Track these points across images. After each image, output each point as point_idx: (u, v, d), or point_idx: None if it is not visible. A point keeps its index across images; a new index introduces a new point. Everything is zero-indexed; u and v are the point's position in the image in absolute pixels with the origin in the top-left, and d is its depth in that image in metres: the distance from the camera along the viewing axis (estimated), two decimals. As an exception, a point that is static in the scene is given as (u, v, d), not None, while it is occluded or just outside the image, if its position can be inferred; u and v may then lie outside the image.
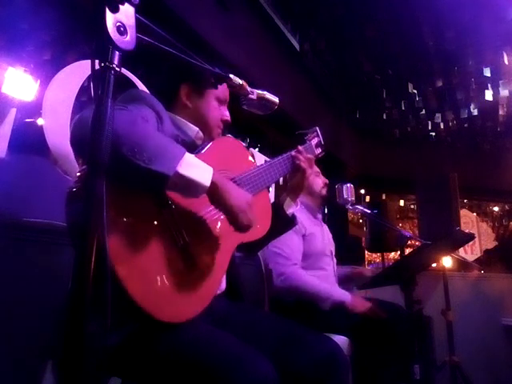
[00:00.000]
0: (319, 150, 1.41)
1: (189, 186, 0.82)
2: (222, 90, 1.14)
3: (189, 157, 0.82)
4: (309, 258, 1.91)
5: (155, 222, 0.84)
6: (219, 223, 1.01)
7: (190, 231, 0.90)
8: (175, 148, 0.82)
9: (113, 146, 0.69)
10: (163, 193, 0.86)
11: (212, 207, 0.97)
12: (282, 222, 1.29)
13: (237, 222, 0.91)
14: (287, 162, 1.26)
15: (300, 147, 1.30)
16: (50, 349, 0.98)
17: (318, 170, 2.10)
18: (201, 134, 1.11)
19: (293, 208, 1.31)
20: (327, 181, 2.12)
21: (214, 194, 0.87)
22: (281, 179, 2.38)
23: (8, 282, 1.32)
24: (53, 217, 1.35)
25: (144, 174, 0.75)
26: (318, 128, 1.42)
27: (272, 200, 1.29)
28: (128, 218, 0.80)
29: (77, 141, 0.78)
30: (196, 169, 0.83)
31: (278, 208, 1.28)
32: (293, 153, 1.27)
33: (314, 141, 1.38)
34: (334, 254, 2.10)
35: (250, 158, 1.23)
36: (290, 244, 1.86)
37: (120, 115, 0.75)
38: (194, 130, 1.10)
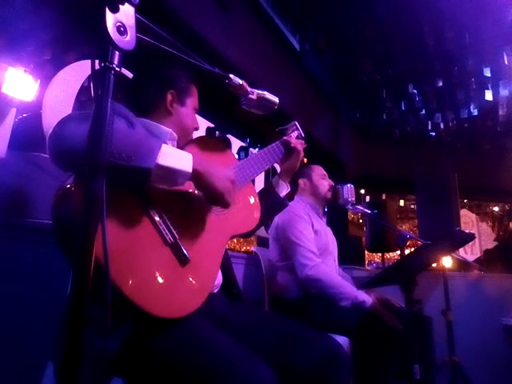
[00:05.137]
0: (301, 141, 1.43)
1: (172, 176, 0.83)
2: (197, 101, 1.21)
3: (166, 147, 0.83)
4: None
5: (143, 222, 0.84)
6: (209, 217, 1.02)
7: (180, 228, 0.91)
8: (152, 141, 0.82)
9: None
10: (147, 191, 0.86)
11: (200, 201, 0.98)
12: (277, 205, 1.36)
13: (223, 203, 0.95)
14: (276, 150, 1.31)
15: (285, 137, 1.35)
16: (50, 349, 0.98)
17: (325, 173, 2.17)
18: (175, 134, 1.09)
19: (285, 190, 1.38)
20: (333, 183, 2.15)
21: (198, 179, 0.89)
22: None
23: (8, 282, 1.32)
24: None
25: (126, 173, 0.76)
26: (296, 122, 1.44)
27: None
28: (114, 221, 0.79)
29: (62, 156, 0.78)
30: (176, 157, 0.84)
31: (270, 191, 1.35)
32: (285, 138, 1.34)
33: (294, 134, 1.41)
34: (336, 257, 2.11)
35: (231, 153, 1.26)
36: (307, 235, 1.91)
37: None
38: (166, 131, 1.08)
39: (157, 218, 0.87)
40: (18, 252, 1.37)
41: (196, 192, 0.99)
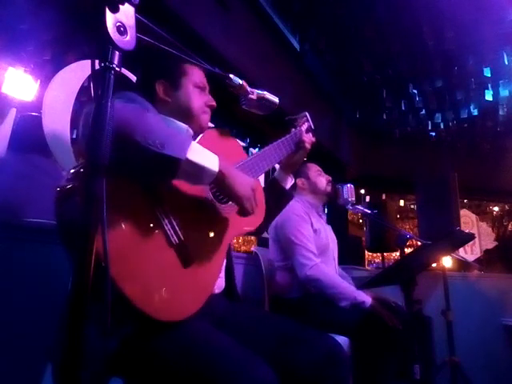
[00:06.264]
0: (310, 135, 1.39)
1: (198, 173, 0.83)
2: (199, 77, 1.14)
3: (195, 144, 0.83)
4: None
5: (149, 222, 0.84)
6: (215, 218, 1.02)
7: (186, 229, 0.90)
8: (183, 135, 0.85)
9: (124, 135, 0.70)
10: (155, 191, 0.86)
11: (207, 202, 0.98)
12: (283, 198, 1.34)
13: (243, 209, 0.95)
14: (286, 144, 1.28)
15: (295, 130, 1.32)
16: (49, 350, 0.98)
17: (320, 169, 2.17)
18: (191, 131, 1.06)
19: (290, 182, 1.36)
20: (330, 178, 2.15)
21: (221, 181, 0.89)
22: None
23: (8, 282, 1.32)
24: (52, 217, 1.35)
25: (157, 160, 0.76)
26: (307, 113, 1.40)
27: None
28: (120, 219, 0.78)
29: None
30: (203, 155, 0.84)
31: (275, 185, 1.33)
32: (297, 131, 1.31)
33: (305, 126, 1.37)
34: (336, 255, 2.11)
35: (240, 146, 1.24)
36: (307, 235, 1.91)
37: (125, 106, 0.76)
38: (182, 128, 1.05)
39: (163, 219, 0.86)
40: (18, 252, 1.37)
41: (209, 194, 0.99)
